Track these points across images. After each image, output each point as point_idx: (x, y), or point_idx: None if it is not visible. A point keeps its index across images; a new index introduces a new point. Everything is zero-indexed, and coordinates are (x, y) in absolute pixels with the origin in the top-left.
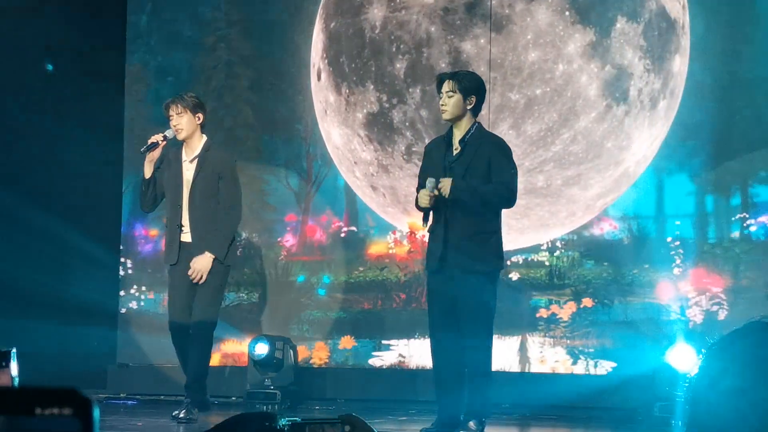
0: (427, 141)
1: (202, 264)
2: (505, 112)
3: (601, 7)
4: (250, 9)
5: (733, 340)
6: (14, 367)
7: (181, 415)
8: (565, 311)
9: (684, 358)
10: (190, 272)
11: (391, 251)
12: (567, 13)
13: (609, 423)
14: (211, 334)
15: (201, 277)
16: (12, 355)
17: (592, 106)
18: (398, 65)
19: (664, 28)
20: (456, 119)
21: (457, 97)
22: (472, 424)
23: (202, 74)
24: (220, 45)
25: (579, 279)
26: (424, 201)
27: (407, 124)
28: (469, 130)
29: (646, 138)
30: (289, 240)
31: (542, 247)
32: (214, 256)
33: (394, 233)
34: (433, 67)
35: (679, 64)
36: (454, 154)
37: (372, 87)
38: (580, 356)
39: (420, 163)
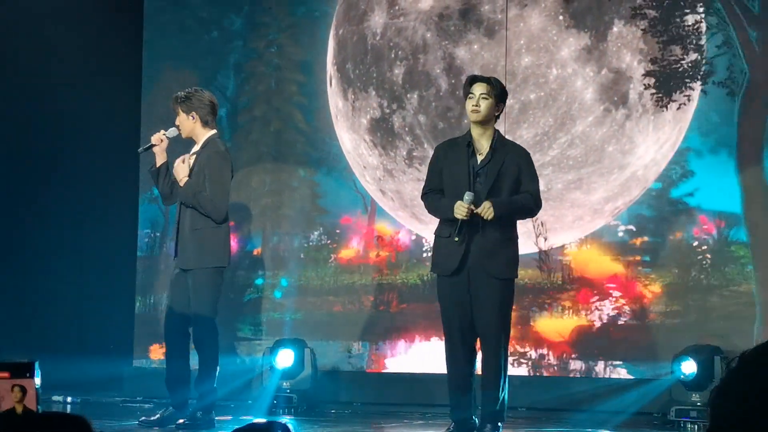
0: (426, 146)
1: (178, 169)
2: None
3: (597, 11)
4: (300, 13)
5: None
6: (37, 380)
7: (197, 417)
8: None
9: (690, 367)
10: None
11: (361, 255)
12: (561, 17)
13: (623, 426)
14: (211, 333)
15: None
16: (35, 366)
17: (588, 110)
18: (396, 71)
19: (669, 30)
20: (483, 123)
21: (491, 101)
22: (488, 428)
23: (252, 78)
24: (270, 50)
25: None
26: (461, 212)
27: (407, 129)
28: (494, 136)
29: (652, 142)
30: (344, 243)
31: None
32: (185, 183)
33: (366, 236)
34: (429, 73)
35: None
36: (480, 160)
37: (374, 93)
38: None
39: (422, 167)
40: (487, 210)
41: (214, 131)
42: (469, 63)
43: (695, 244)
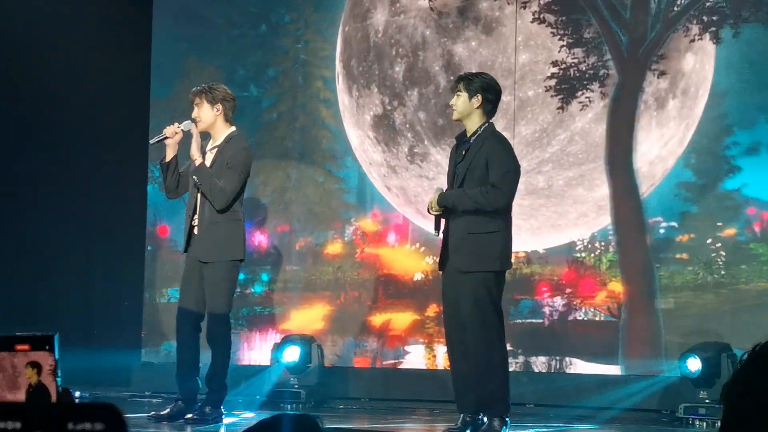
0: (426, 143)
1: (193, 151)
2: (497, 113)
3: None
4: (326, 8)
5: None
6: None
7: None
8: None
9: (695, 364)
10: None
11: (346, 251)
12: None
13: (631, 423)
14: (224, 329)
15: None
16: (55, 339)
17: (587, 106)
18: (397, 68)
19: (576, 33)
20: (464, 118)
21: (464, 96)
22: (495, 423)
23: (279, 74)
24: (296, 46)
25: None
26: (433, 208)
27: (408, 126)
28: (477, 131)
29: (656, 139)
30: (369, 238)
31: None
32: (200, 164)
33: (355, 233)
34: (428, 71)
35: (693, 63)
36: (463, 154)
37: (376, 90)
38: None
39: (423, 164)
40: (431, 202)
41: (234, 128)
42: (467, 60)
43: (709, 241)
